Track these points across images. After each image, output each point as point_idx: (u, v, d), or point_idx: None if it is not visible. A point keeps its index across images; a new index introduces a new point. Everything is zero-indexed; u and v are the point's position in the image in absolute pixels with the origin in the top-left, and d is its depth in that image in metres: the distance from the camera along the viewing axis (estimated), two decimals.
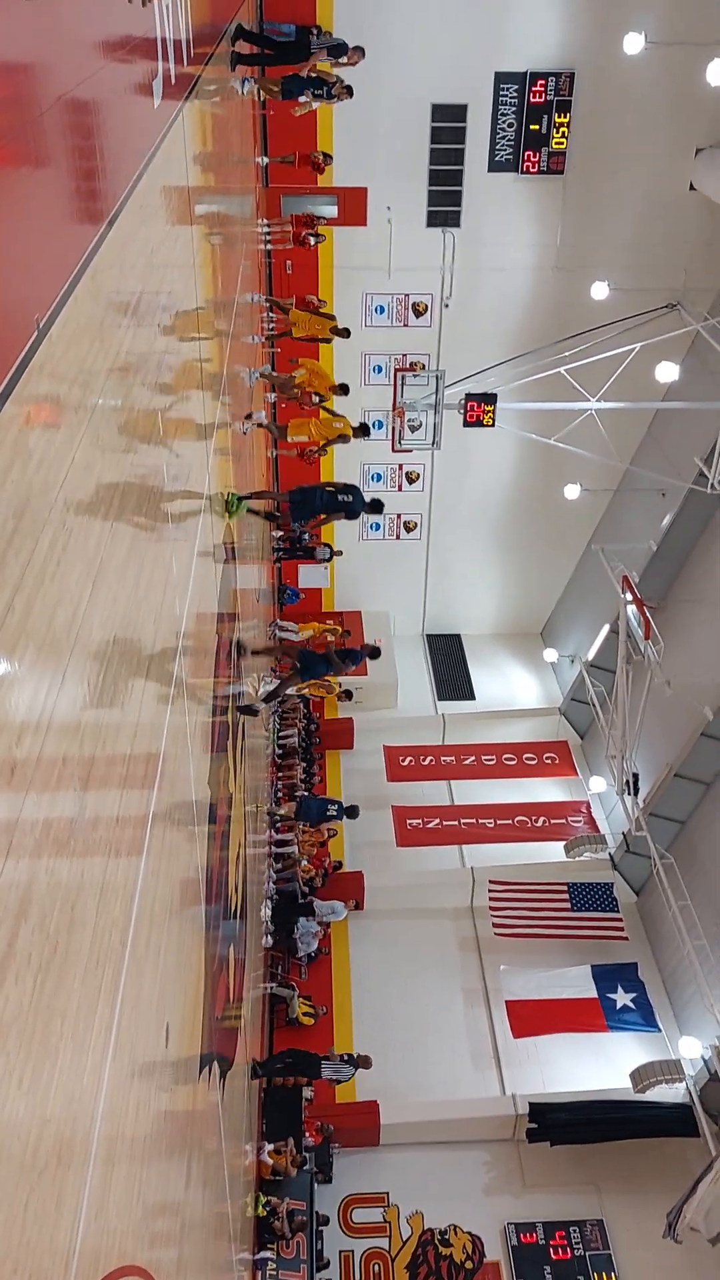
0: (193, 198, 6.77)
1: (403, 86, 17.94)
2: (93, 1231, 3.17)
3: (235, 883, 9.43)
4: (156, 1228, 4.52)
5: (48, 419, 2.90)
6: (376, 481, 21.92)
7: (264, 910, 14.77)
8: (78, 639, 3.15)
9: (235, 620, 9.80)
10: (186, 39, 6.29)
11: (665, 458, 19.04)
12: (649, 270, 18.90)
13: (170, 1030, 4.85)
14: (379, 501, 13.06)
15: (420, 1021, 15.73)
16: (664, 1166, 13.66)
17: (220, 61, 9.15)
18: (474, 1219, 13.57)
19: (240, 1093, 10.03)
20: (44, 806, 2.75)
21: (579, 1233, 13.34)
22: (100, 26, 3.77)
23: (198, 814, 6.28)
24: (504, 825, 18.65)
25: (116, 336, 3.95)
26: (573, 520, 21.42)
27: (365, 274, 19.40)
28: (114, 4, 4.04)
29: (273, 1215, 12.05)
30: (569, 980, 15.66)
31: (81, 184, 3.39)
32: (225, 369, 9.04)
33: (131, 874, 4.01)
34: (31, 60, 2.77)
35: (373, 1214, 13.66)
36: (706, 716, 15.37)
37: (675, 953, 15.32)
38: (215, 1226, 7.35)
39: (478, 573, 23.18)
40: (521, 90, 18.09)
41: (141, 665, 4.31)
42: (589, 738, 20.80)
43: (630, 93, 17.97)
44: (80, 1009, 3.07)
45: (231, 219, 10.36)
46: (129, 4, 4.29)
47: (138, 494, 4.35)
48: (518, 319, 19.81)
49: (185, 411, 6.16)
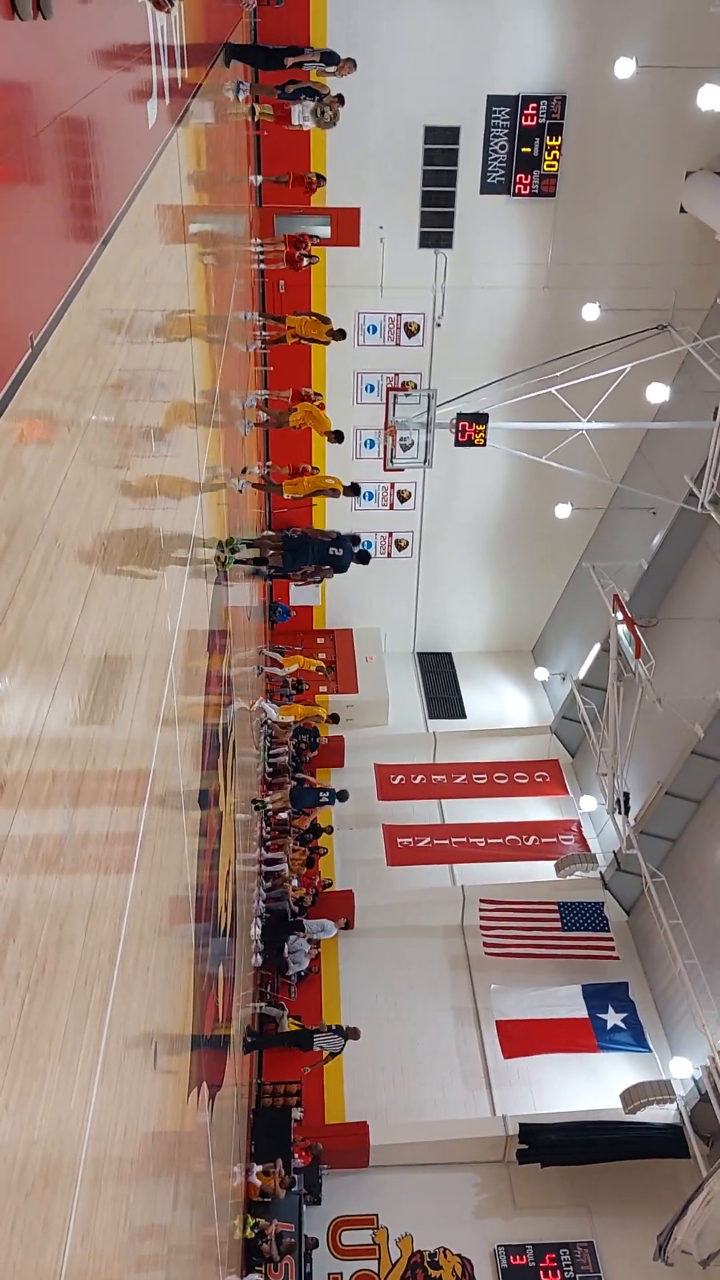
0: (187, 216, 6.80)
1: (396, 109, 18.09)
2: (79, 1254, 3.14)
3: (225, 901, 9.39)
4: (144, 1250, 4.47)
5: (41, 436, 2.91)
6: (369, 500, 21.97)
7: (253, 929, 14.70)
8: (69, 655, 3.15)
9: (227, 638, 9.79)
10: (181, 59, 6.34)
11: (656, 477, 19.13)
12: (639, 291, 19.04)
13: (159, 1050, 4.81)
14: (366, 554, 13.92)
15: (410, 1041, 15.66)
16: (655, 1188, 13.58)
17: (212, 91, 9.21)
18: (464, 1241, 13.47)
19: (229, 1114, 9.96)
20: (34, 823, 2.73)
21: (569, 1255, 13.25)
22: (96, 46, 3.79)
23: (188, 831, 6.26)
24: (495, 844, 18.62)
25: (110, 354, 3.96)
26: (564, 539, 21.49)
27: (358, 293, 19.50)
28: (109, 24, 4.07)
29: (261, 1237, 11.94)
30: (559, 1000, 15.62)
31: (77, 202, 3.40)
32: (218, 386, 9.06)
33: (121, 892, 3.99)
34: (28, 79, 2.79)
35: (362, 1236, 13.56)
36: (697, 734, 15.39)
37: (666, 972, 15.29)
38: (203, 1249, 7.28)
39: (469, 591, 23.22)
40: (513, 113, 18.25)
41: (132, 682, 4.30)
42: (580, 756, 20.80)
43: (621, 116, 18.14)
44: (68, 1028, 3.05)
45: (225, 238, 10.41)
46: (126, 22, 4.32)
47: (130, 511, 4.35)
48: (509, 339, 19.92)
49: (178, 429, 6.17)
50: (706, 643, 16.83)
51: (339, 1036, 14.45)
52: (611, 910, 17.21)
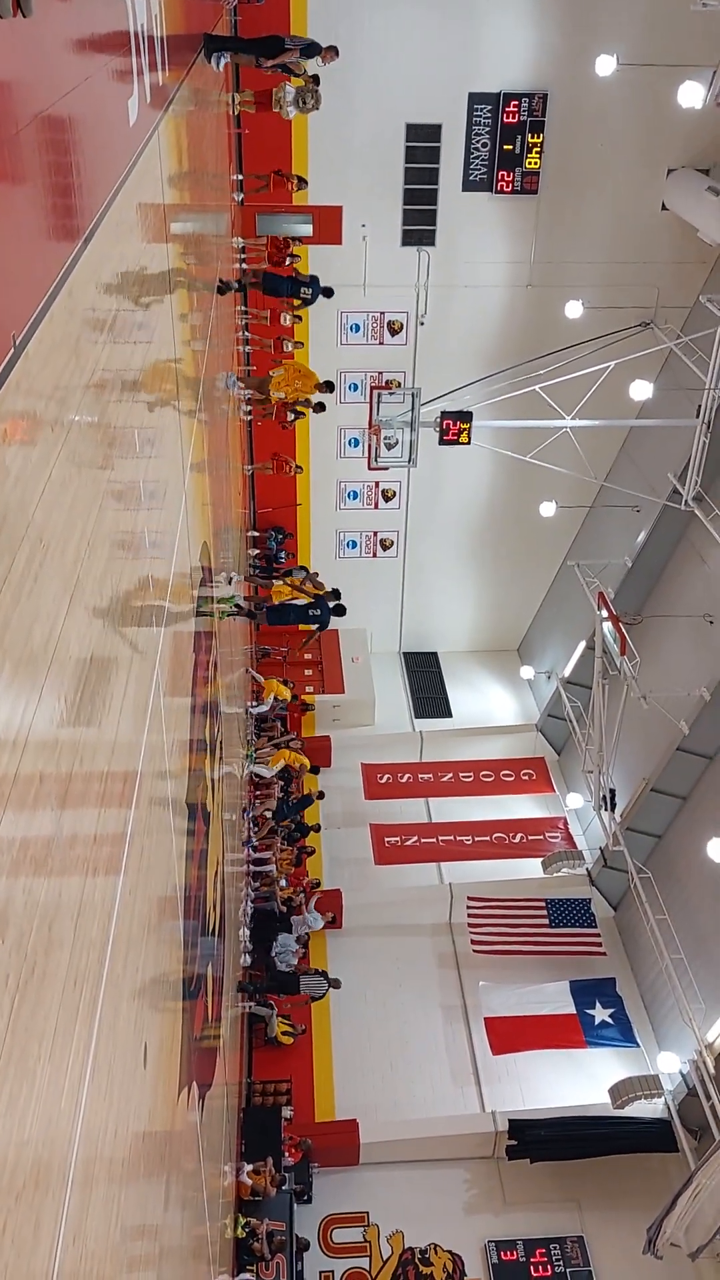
0: (168, 215, 6.79)
1: (377, 106, 18.09)
2: (71, 1255, 3.13)
3: (213, 901, 9.38)
4: (135, 1250, 4.47)
5: (24, 436, 2.90)
6: (353, 500, 21.98)
7: (242, 931, 14.70)
8: (54, 656, 3.14)
9: (213, 638, 9.78)
10: (162, 57, 6.32)
11: (640, 474, 19.19)
12: (622, 289, 19.09)
13: (149, 1050, 4.81)
14: (342, 607, 15.54)
15: (399, 1039, 15.68)
16: (644, 1182, 13.64)
17: (194, 88, 9.20)
18: (454, 1237, 13.50)
19: (219, 1113, 9.95)
20: (21, 825, 2.73)
21: (560, 1250, 13.29)
22: (76, 44, 3.78)
23: (175, 832, 6.25)
24: (482, 842, 18.65)
25: (93, 353, 3.95)
26: (548, 537, 21.53)
27: (341, 292, 19.47)
28: (90, 22, 4.06)
29: (252, 1236, 11.94)
30: (547, 996, 15.67)
31: (58, 200, 3.39)
32: (202, 385, 9.05)
33: (109, 893, 3.99)
34: (8, 78, 2.78)
35: (353, 1234, 13.57)
36: (682, 730, 15.45)
37: (653, 967, 15.35)
38: (194, 1248, 7.27)
39: (454, 590, 23.24)
40: (495, 111, 18.28)
41: (119, 683, 4.30)
42: (566, 754, 20.85)
43: (603, 114, 18.20)
44: (58, 1030, 3.04)
45: (206, 236, 10.39)
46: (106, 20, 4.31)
47: (114, 512, 4.34)
48: (493, 337, 19.95)
49: (162, 428, 6.16)
50: (691, 640, 16.90)
51: (323, 980, 15.11)
52: (598, 906, 17.27)
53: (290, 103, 14.14)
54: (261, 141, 17.03)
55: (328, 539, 22.26)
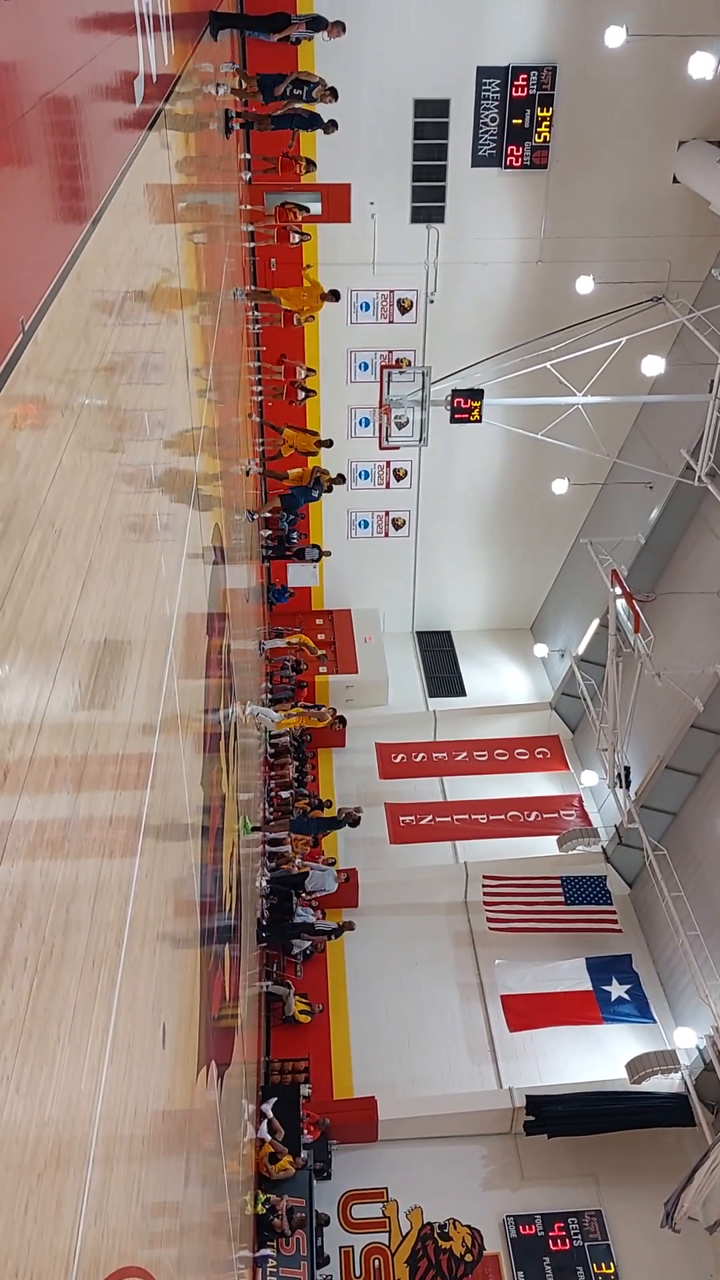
0: (175, 195, 6.75)
1: (385, 82, 17.92)
2: (93, 1233, 3.17)
3: (230, 881, 9.42)
4: (156, 1228, 4.52)
5: (34, 421, 2.90)
6: (364, 479, 21.91)
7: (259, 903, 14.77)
8: (68, 641, 3.15)
9: (226, 620, 9.79)
10: (167, 35, 6.27)
11: (652, 451, 19.07)
12: (633, 264, 18.93)
13: (167, 1030, 4.84)
14: (357, 820, 16.46)
15: (416, 1017, 15.76)
16: (661, 1157, 13.71)
17: (200, 68, 9.13)
18: (473, 1212, 13.60)
19: (238, 1091, 10.03)
20: (38, 808, 2.74)
21: (577, 1224, 13.38)
22: (80, 25, 3.75)
23: (191, 814, 6.28)
24: (497, 820, 18.67)
25: (102, 336, 3.94)
26: (561, 515, 21.44)
27: (350, 270, 19.37)
28: (94, 2, 4.03)
29: (272, 1213, 12.06)
30: (564, 973, 15.70)
31: (65, 182, 3.37)
32: (211, 366, 9.02)
33: (126, 875, 4.01)
34: (13, 60, 2.76)
35: (372, 1209, 13.69)
36: (697, 708, 15.41)
37: (669, 944, 15.37)
38: (215, 1225, 7.35)
39: (467, 569, 23.18)
40: (504, 85, 18.09)
41: (132, 666, 4.31)
42: (580, 732, 20.83)
43: (612, 86, 17.98)
44: (77, 1011, 3.07)
45: (214, 215, 10.33)
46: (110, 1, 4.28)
47: (125, 495, 4.34)
48: (503, 314, 19.81)
49: (172, 410, 6.15)
50: (705, 616, 16.83)
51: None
52: (614, 884, 17.28)
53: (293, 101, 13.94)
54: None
55: (339, 519, 22.22)
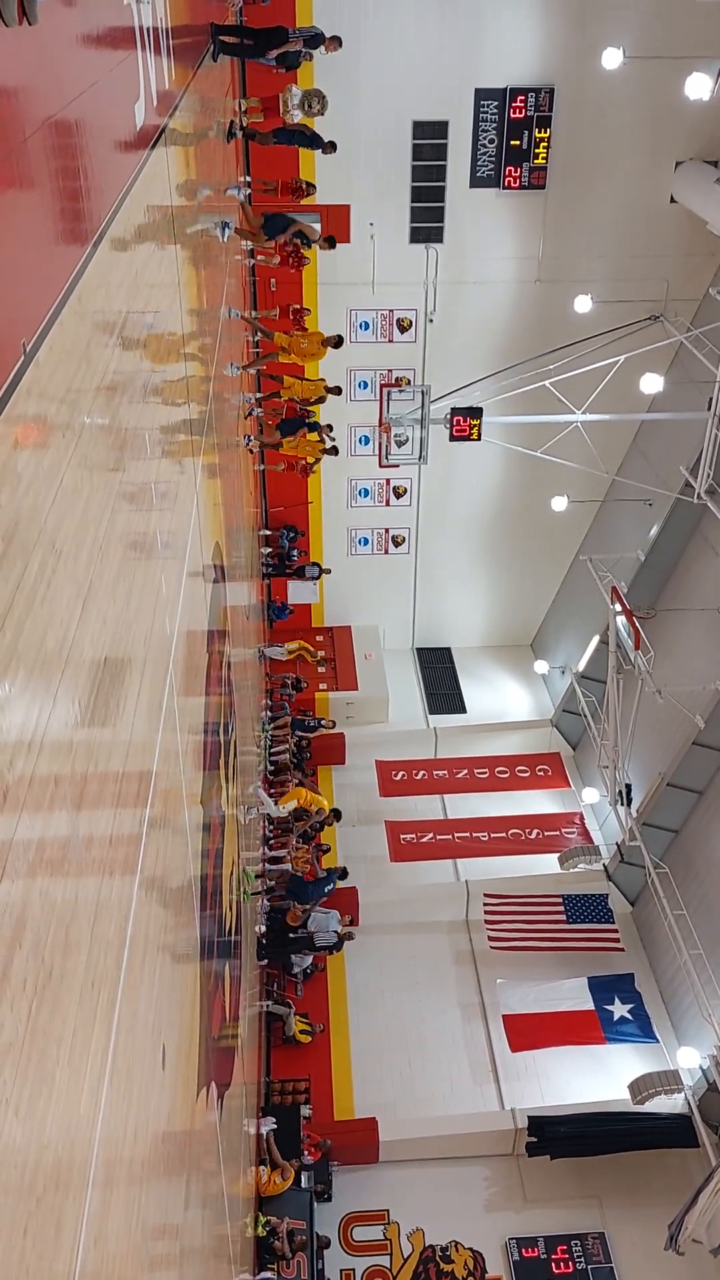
0: (176, 217, 6.80)
1: (384, 104, 18.06)
2: (92, 1256, 3.15)
3: (230, 901, 9.40)
4: (156, 1250, 4.48)
5: (35, 442, 2.91)
6: (364, 497, 21.97)
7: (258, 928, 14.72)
8: (69, 660, 3.15)
9: (226, 638, 9.80)
10: (168, 59, 6.33)
11: (651, 468, 19.12)
12: (631, 283, 19.03)
13: (167, 1051, 4.82)
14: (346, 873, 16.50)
15: (418, 1037, 15.67)
16: (665, 1178, 13.60)
17: (200, 89, 9.20)
18: (475, 1235, 13.49)
19: (238, 1112, 9.97)
20: (37, 827, 2.74)
21: (581, 1246, 13.27)
22: (82, 49, 3.79)
23: (191, 832, 6.26)
24: (498, 838, 18.62)
25: (103, 357, 3.96)
26: (561, 532, 21.47)
27: (350, 290, 19.47)
28: (95, 27, 4.06)
29: (273, 1235, 11.97)
30: (566, 993, 15.62)
31: (67, 205, 3.40)
32: (211, 384, 9.06)
33: (125, 894, 4.00)
34: (16, 85, 2.79)
35: (373, 1232, 13.58)
36: (698, 725, 15.40)
37: (672, 963, 15.30)
38: (215, 1248, 7.29)
39: (467, 586, 23.21)
40: (502, 106, 18.23)
41: (132, 684, 4.31)
42: (581, 749, 20.80)
43: (609, 107, 18.12)
44: (76, 1033, 3.05)
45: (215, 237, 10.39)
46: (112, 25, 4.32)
47: (126, 514, 4.35)
48: (502, 333, 19.90)
49: (173, 430, 6.17)
50: (705, 633, 16.83)
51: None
52: (616, 902, 17.22)
53: (296, 106, 14.17)
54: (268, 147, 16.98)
55: (339, 536, 22.27)
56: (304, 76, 16.68)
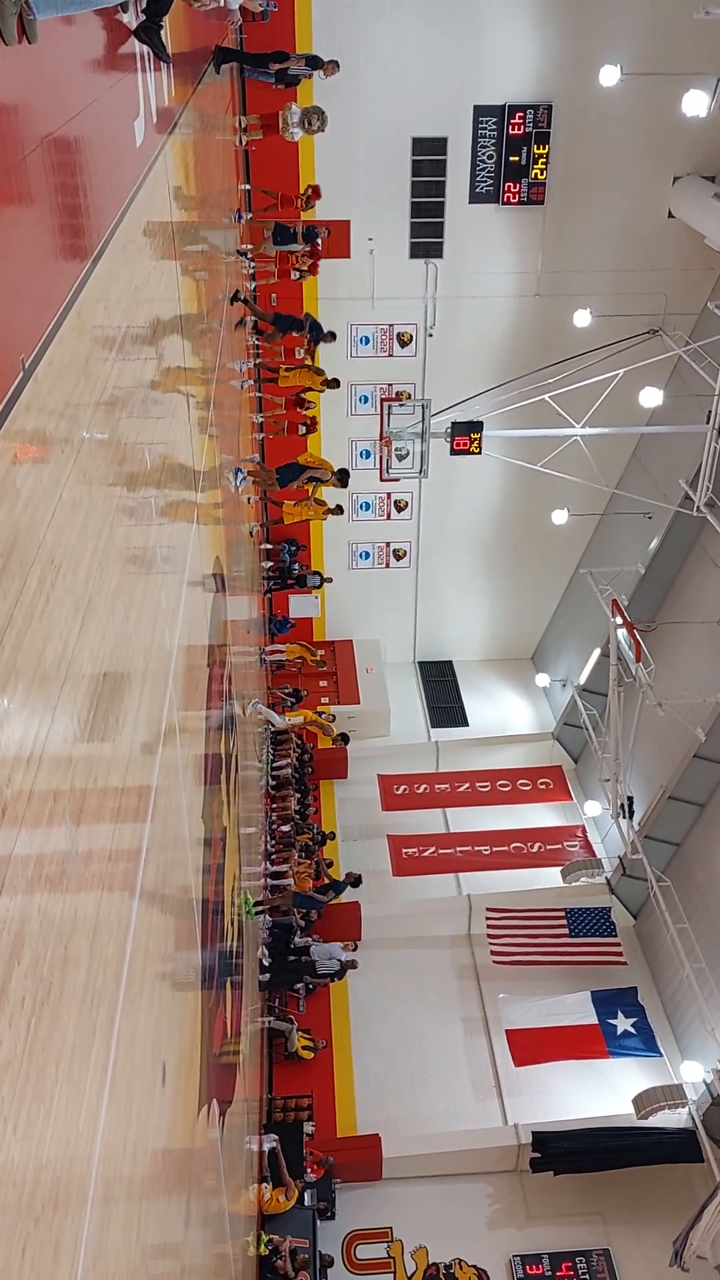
0: (176, 232, 6.82)
1: (383, 120, 18.15)
2: (91, 1276, 3.12)
3: (231, 916, 9.37)
4: (156, 1270, 4.45)
5: (35, 458, 2.91)
6: (365, 511, 21.99)
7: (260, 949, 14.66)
8: (68, 675, 3.15)
9: (226, 651, 9.79)
10: (168, 77, 6.36)
11: (651, 481, 19.15)
12: (630, 297, 19.10)
13: (167, 1069, 4.80)
14: (359, 881, 16.70)
15: (420, 1052, 15.60)
16: (669, 1193, 13.51)
17: (201, 105, 9.25)
18: (479, 1252, 13.40)
19: (240, 1130, 9.92)
20: (36, 843, 2.73)
21: (585, 1263, 13.17)
22: (82, 68, 3.81)
23: (191, 847, 6.24)
24: (500, 852, 18.57)
25: (102, 373, 3.97)
26: (561, 545, 21.50)
27: (349, 305, 19.55)
28: (94, 45, 4.09)
29: (275, 1254, 11.88)
30: (569, 1007, 15.55)
31: (66, 221, 3.41)
32: (211, 399, 9.08)
33: (125, 910, 3.98)
34: (16, 103, 2.80)
35: (376, 1250, 13.48)
36: (699, 737, 15.37)
37: (675, 976, 15.24)
38: (216, 1267, 7.24)
39: (468, 599, 23.21)
40: (500, 123, 18.32)
41: (132, 699, 4.30)
42: (583, 762, 20.77)
43: (607, 123, 18.21)
44: (75, 1050, 3.04)
45: (215, 252, 10.44)
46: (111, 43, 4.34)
47: (126, 528, 4.35)
48: (501, 347, 19.96)
49: (172, 444, 6.18)
50: (706, 646, 16.82)
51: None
52: (618, 915, 17.16)
53: (296, 124, 14.24)
54: (269, 155, 17.09)
55: (340, 550, 22.29)
56: (304, 94, 16.80)
